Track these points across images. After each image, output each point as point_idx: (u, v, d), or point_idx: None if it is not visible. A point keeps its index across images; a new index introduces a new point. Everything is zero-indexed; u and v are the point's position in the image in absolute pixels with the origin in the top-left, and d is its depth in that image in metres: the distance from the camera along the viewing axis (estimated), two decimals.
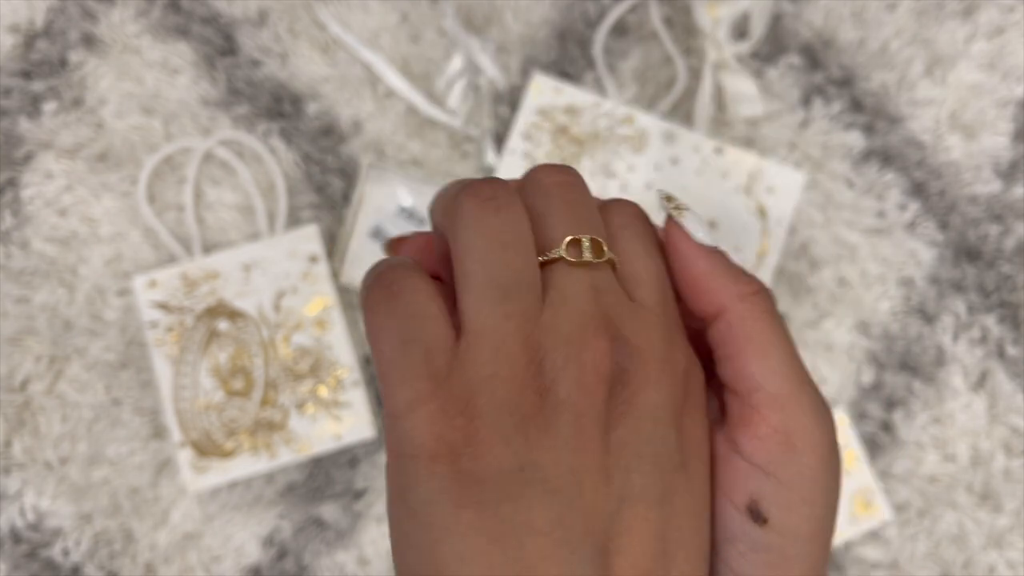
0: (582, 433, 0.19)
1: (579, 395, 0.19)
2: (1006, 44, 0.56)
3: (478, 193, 0.21)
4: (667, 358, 0.21)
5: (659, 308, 0.22)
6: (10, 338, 0.52)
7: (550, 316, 0.20)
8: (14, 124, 0.53)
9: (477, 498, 0.18)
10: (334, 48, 0.55)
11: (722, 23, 0.53)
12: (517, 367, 0.19)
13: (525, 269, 0.21)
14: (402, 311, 0.21)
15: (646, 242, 0.23)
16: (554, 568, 0.18)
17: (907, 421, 0.53)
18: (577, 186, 0.23)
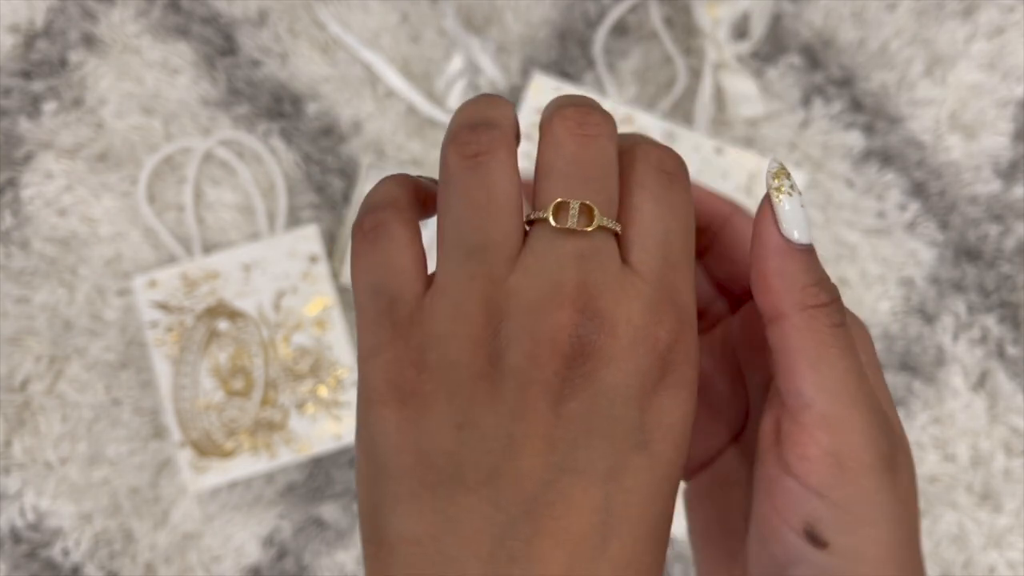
0: (526, 402, 0.19)
1: (528, 365, 0.19)
2: (1006, 44, 0.56)
3: (461, 145, 0.21)
4: (645, 333, 0.20)
5: (652, 275, 0.20)
6: (10, 338, 0.52)
7: (516, 280, 0.20)
8: (14, 124, 0.53)
9: (415, 446, 0.19)
10: (334, 48, 0.55)
11: (722, 23, 0.53)
12: (473, 328, 0.19)
13: (497, 230, 0.20)
14: (376, 259, 0.21)
15: (662, 201, 0.21)
16: (478, 522, 0.19)
17: (907, 421, 0.53)
18: (595, 139, 0.21)
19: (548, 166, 0.21)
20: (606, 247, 0.20)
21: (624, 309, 0.20)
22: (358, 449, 0.21)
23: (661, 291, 0.20)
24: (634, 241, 0.21)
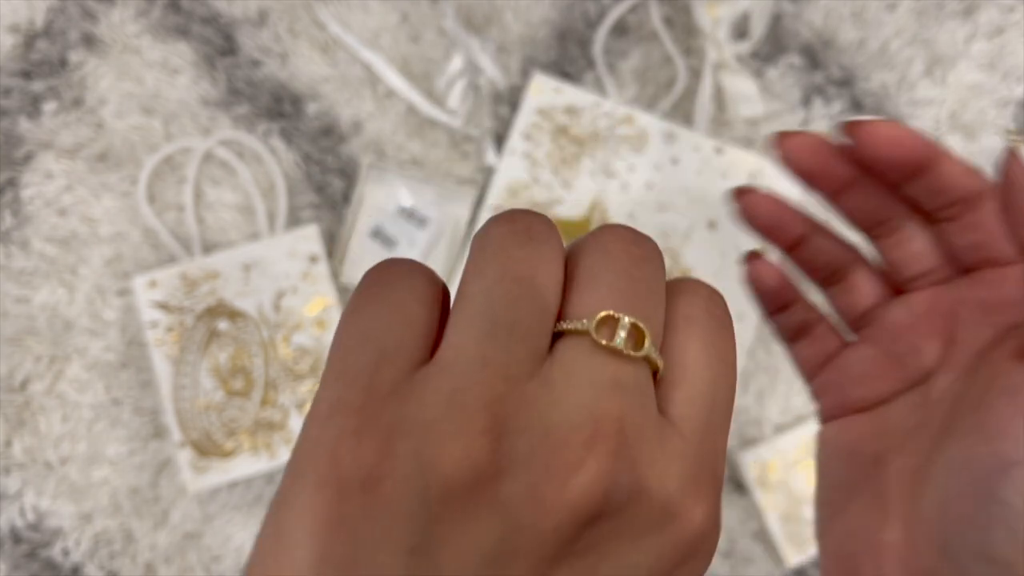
0: (510, 549, 0.15)
1: (528, 505, 0.15)
2: (1006, 44, 0.56)
3: (511, 220, 0.18)
4: (678, 508, 0.16)
5: (695, 436, 0.17)
6: (10, 338, 0.52)
7: (536, 391, 0.16)
8: (14, 124, 0.53)
9: (338, 560, 0.15)
10: (334, 48, 0.55)
11: (722, 23, 0.53)
12: (470, 429, 0.15)
13: (533, 315, 0.17)
14: (381, 304, 0.17)
15: (712, 347, 0.18)
16: None
17: None
18: (649, 261, 0.18)
19: (593, 272, 0.18)
20: (646, 383, 0.17)
21: (660, 470, 0.16)
22: (264, 533, 0.16)
23: (703, 458, 0.17)
24: (678, 387, 0.18)
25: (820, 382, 0.27)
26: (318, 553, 0.15)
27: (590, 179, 0.52)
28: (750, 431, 0.53)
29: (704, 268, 0.51)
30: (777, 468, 0.51)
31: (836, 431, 0.26)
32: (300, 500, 0.15)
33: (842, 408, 0.26)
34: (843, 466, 0.25)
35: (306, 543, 0.15)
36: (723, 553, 0.52)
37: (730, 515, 0.53)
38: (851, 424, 0.26)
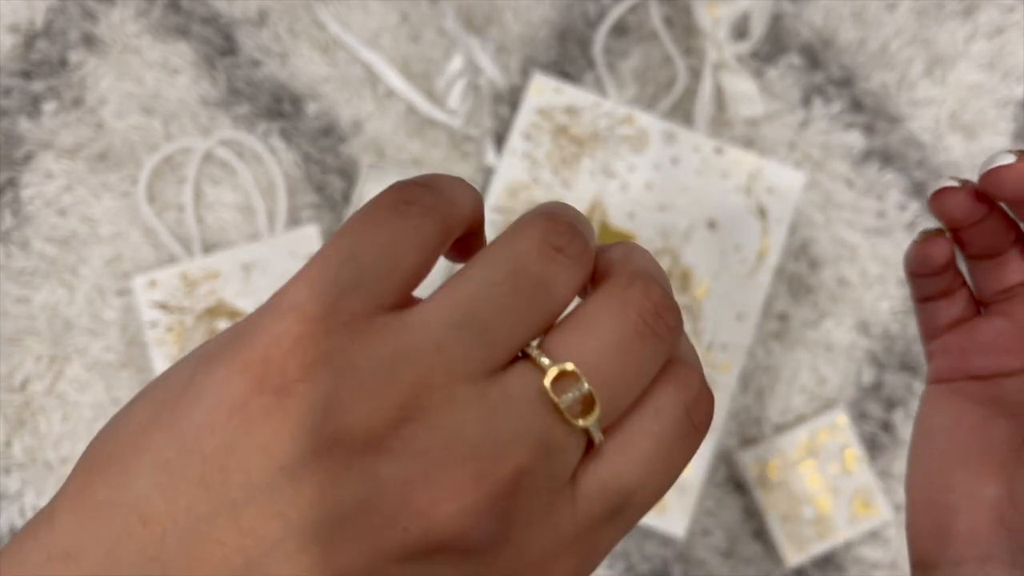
0: (356, 528, 0.15)
1: (391, 505, 0.15)
2: (1006, 44, 0.56)
3: (553, 224, 0.18)
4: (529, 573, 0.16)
5: (587, 522, 0.17)
6: (10, 338, 0.52)
7: (467, 399, 0.16)
8: (14, 124, 0.53)
9: (227, 445, 0.15)
10: (334, 48, 0.55)
11: (722, 23, 0.53)
12: (385, 400, 0.15)
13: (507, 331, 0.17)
14: (381, 232, 0.17)
15: (663, 449, 0.18)
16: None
17: (907, 421, 0.53)
18: (658, 339, 0.18)
19: (595, 324, 0.17)
20: (572, 453, 0.17)
21: (527, 535, 0.16)
22: (173, 373, 0.17)
23: (582, 544, 0.17)
24: (600, 469, 0.17)
25: (942, 343, 0.28)
26: (209, 424, 0.15)
27: (590, 179, 0.52)
28: (750, 431, 0.53)
29: (704, 268, 0.51)
30: (777, 468, 0.51)
31: (947, 392, 0.27)
32: (222, 370, 0.16)
33: (959, 372, 0.27)
34: (948, 426, 0.27)
35: (207, 410, 0.15)
36: (723, 553, 0.52)
37: (730, 515, 0.53)
38: (964, 388, 0.27)
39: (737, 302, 0.51)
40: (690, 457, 0.18)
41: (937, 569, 0.26)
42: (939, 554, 0.26)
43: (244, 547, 0.15)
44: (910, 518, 0.27)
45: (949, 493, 0.26)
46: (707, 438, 0.50)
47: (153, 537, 0.15)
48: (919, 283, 0.29)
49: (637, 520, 0.18)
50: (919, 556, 0.26)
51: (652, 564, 0.52)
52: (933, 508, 0.26)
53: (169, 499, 0.15)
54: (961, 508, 0.25)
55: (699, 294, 0.51)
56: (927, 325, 0.29)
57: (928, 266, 0.28)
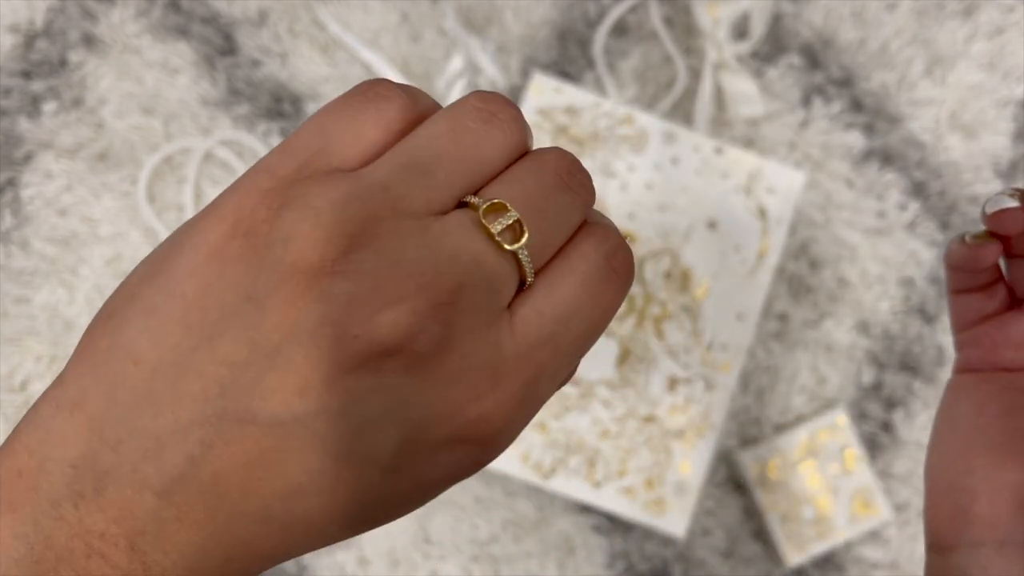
0: (319, 341, 0.17)
1: (343, 317, 0.17)
2: (1006, 44, 0.56)
3: (486, 99, 0.20)
4: (472, 384, 0.18)
5: (525, 341, 0.19)
6: (10, 338, 0.52)
7: (410, 230, 0.18)
8: (14, 124, 0.53)
9: (205, 282, 0.17)
10: (334, 48, 0.55)
11: (722, 23, 0.53)
12: (334, 234, 0.17)
13: (446, 174, 0.19)
14: (349, 113, 0.19)
15: (589, 287, 0.20)
16: (201, 382, 0.17)
17: (907, 421, 0.53)
18: (572, 193, 0.20)
19: (516, 176, 0.20)
20: (506, 278, 0.19)
21: (471, 345, 0.18)
22: (160, 245, 0.19)
23: (523, 362, 0.19)
24: (534, 299, 0.19)
25: (973, 334, 0.29)
26: (191, 270, 0.17)
27: None
28: (750, 431, 0.53)
29: (704, 268, 0.51)
30: (777, 468, 0.51)
31: (974, 382, 0.28)
32: (201, 223, 0.18)
33: (988, 363, 0.28)
34: (972, 413, 0.27)
35: (189, 258, 0.18)
36: (723, 553, 0.52)
37: (730, 515, 0.53)
38: (991, 378, 0.28)
39: (737, 302, 0.51)
40: (616, 301, 0.20)
41: (955, 551, 0.26)
42: (957, 536, 0.26)
43: (219, 375, 0.17)
44: (929, 500, 0.28)
45: (970, 476, 0.26)
46: (707, 438, 0.50)
47: (144, 375, 0.17)
48: (958, 277, 0.29)
49: (575, 351, 0.20)
50: (937, 538, 0.27)
51: (652, 564, 0.52)
52: (953, 491, 0.27)
53: (156, 340, 0.17)
54: (982, 492, 0.26)
55: (699, 294, 0.51)
56: (960, 316, 0.29)
57: (975, 267, 0.28)
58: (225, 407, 0.17)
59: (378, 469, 0.18)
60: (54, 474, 0.17)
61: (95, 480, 0.16)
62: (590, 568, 0.52)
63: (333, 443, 0.17)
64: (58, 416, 0.17)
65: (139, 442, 0.17)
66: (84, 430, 0.17)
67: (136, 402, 0.17)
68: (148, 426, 0.17)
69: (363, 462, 0.18)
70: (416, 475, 0.18)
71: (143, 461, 0.17)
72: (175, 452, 0.17)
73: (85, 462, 0.17)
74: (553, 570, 0.52)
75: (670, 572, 0.52)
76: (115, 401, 0.17)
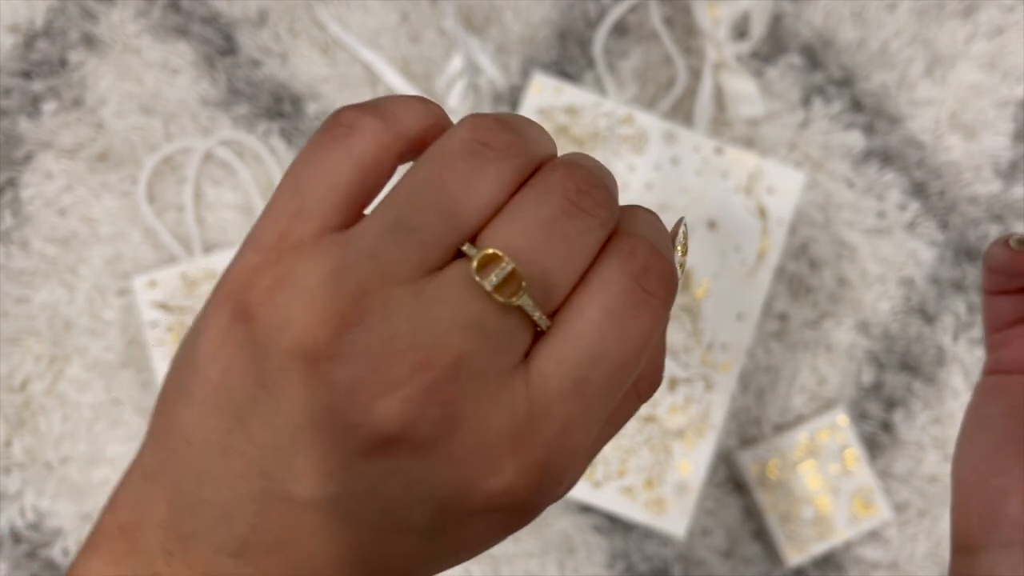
0: (326, 428, 0.17)
1: (345, 402, 0.17)
2: (1006, 44, 0.56)
3: (477, 126, 0.18)
4: (488, 457, 0.17)
5: (545, 398, 0.17)
6: (10, 338, 0.52)
7: (402, 297, 0.17)
8: (14, 124, 0.53)
9: (225, 365, 0.18)
10: (334, 48, 0.55)
11: (722, 23, 0.53)
12: (328, 311, 0.17)
13: (436, 228, 0.17)
14: (318, 158, 0.18)
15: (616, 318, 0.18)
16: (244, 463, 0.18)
17: (907, 421, 0.53)
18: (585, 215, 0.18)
19: (519, 211, 0.18)
20: (513, 335, 0.17)
21: (481, 417, 0.17)
22: (194, 320, 0.19)
23: (543, 421, 0.17)
24: (551, 345, 0.18)
25: (1005, 336, 0.29)
26: (210, 354, 0.18)
27: None
28: (750, 431, 0.53)
29: (704, 268, 0.51)
30: (777, 468, 0.51)
31: (1005, 383, 0.28)
32: (210, 308, 0.18)
33: (1018, 366, 0.28)
34: (1003, 414, 0.27)
35: (206, 343, 0.18)
36: (723, 553, 0.52)
37: (730, 515, 0.53)
38: (1020, 381, 0.27)
39: (737, 302, 0.51)
40: (651, 326, 0.18)
41: (983, 552, 0.26)
42: (986, 537, 0.26)
43: (256, 457, 0.17)
44: (957, 500, 0.27)
45: (1001, 477, 0.26)
46: (707, 438, 0.50)
47: (198, 454, 0.18)
48: (996, 279, 0.29)
49: (608, 394, 0.18)
50: (964, 539, 0.27)
51: (652, 564, 0.52)
52: (984, 490, 0.26)
53: (198, 421, 0.18)
54: (1012, 492, 0.26)
55: (699, 294, 0.51)
56: (994, 317, 0.29)
57: (1017, 271, 0.28)
58: (267, 487, 0.17)
59: (416, 536, 0.18)
60: (148, 533, 0.18)
61: (180, 541, 0.18)
62: (590, 568, 0.52)
63: (367, 517, 0.17)
64: (145, 483, 0.18)
65: (209, 511, 0.18)
66: (166, 498, 0.18)
67: (198, 477, 0.18)
68: (213, 498, 0.18)
69: (400, 531, 0.18)
70: (457, 538, 0.18)
71: (216, 527, 0.18)
72: (239, 522, 0.18)
73: (171, 525, 0.18)
74: (553, 570, 0.52)
75: (670, 572, 0.52)
76: (182, 476, 0.18)
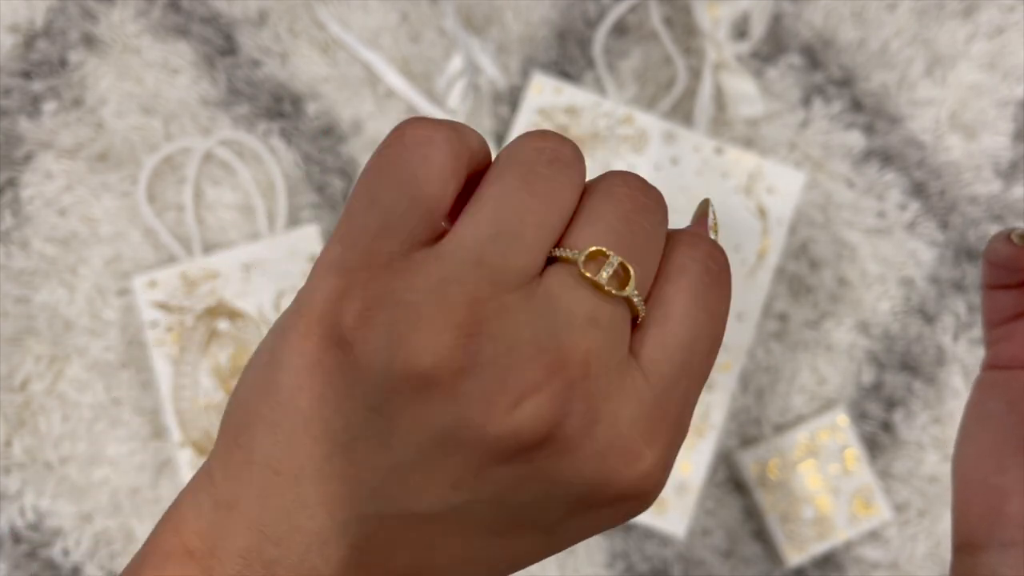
0: (453, 444, 0.17)
1: (477, 409, 0.16)
2: (1006, 44, 0.56)
3: (544, 138, 0.19)
4: (625, 447, 0.17)
5: (661, 383, 0.18)
6: (10, 338, 0.52)
7: (517, 303, 0.17)
8: (14, 124, 0.53)
9: (317, 395, 0.17)
10: (334, 48, 0.55)
11: (722, 23, 0.53)
12: (446, 323, 0.16)
13: (534, 234, 0.17)
14: (393, 172, 0.18)
15: (700, 300, 0.19)
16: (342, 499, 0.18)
17: (907, 421, 0.53)
18: (651, 211, 0.19)
19: (597, 213, 0.18)
20: (622, 325, 0.18)
21: (614, 408, 0.17)
22: (261, 348, 0.19)
23: (665, 404, 0.18)
24: (654, 335, 0.18)
25: (1004, 331, 0.28)
26: (297, 385, 0.17)
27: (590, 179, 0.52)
28: (750, 431, 0.53)
29: None
30: (777, 468, 0.51)
31: (1005, 379, 0.28)
32: (293, 335, 0.18)
33: (1018, 361, 0.28)
34: (1003, 411, 0.27)
35: (291, 373, 0.18)
36: (723, 553, 0.52)
37: (730, 515, 0.53)
38: (1020, 376, 0.27)
39: (737, 302, 0.51)
40: (727, 303, 0.19)
41: (984, 551, 0.26)
42: (988, 536, 0.26)
43: (363, 479, 0.17)
44: (958, 498, 0.27)
45: (1002, 475, 0.26)
46: (707, 438, 0.50)
47: (288, 483, 0.17)
48: (996, 273, 0.28)
49: (707, 371, 0.19)
50: (965, 537, 0.27)
51: (652, 564, 0.52)
52: (985, 489, 0.26)
53: (288, 452, 0.17)
54: (1014, 492, 0.25)
55: None
56: (993, 312, 0.29)
57: (1018, 266, 0.28)
58: (379, 508, 0.17)
59: (540, 532, 0.18)
60: (225, 562, 0.18)
61: (264, 568, 0.18)
62: (590, 568, 0.52)
63: (492, 521, 0.18)
64: (218, 512, 0.18)
65: (301, 538, 0.17)
66: (244, 528, 0.18)
67: (288, 506, 0.18)
68: (306, 525, 0.17)
69: (526, 530, 0.18)
70: (578, 530, 0.19)
71: (308, 553, 0.17)
72: (338, 545, 0.17)
73: (252, 554, 0.18)
74: (553, 570, 0.52)
75: (670, 572, 0.52)
76: (268, 506, 0.18)
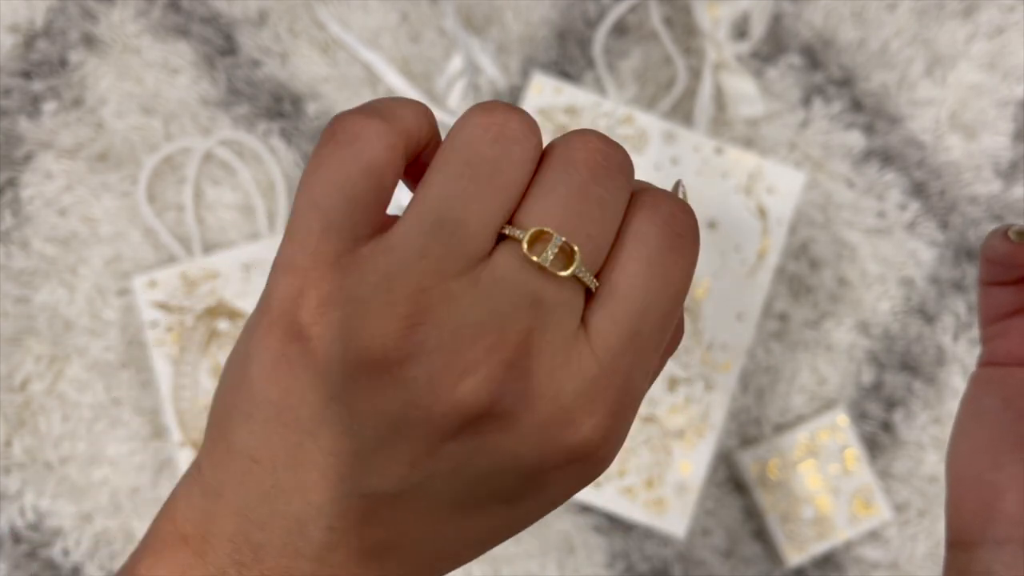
0: (405, 423, 0.18)
1: (426, 391, 0.17)
2: (1006, 44, 0.56)
3: (488, 113, 0.19)
4: (567, 419, 0.18)
5: (608, 353, 0.18)
6: (10, 338, 0.52)
7: (462, 289, 0.18)
8: (14, 124, 0.53)
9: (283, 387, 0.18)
10: (334, 48, 0.55)
11: (722, 23, 0.53)
12: (391, 314, 0.17)
13: (481, 217, 0.18)
14: (327, 172, 0.18)
15: (656, 265, 0.19)
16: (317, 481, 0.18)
17: (907, 421, 0.53)
18: (611, 175, 0.19)
19: (549, 185, 0.19)
20: (571, 302, 0.18)
21: (556, 383, 0.18)
22: (235, 347, 0.20)
23: (610, 375, 0.18)
24: (604, 305, 0.19)
25: (1000, 327, 0.28)
26: (266, 377, 0.18)
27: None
28: (750, 431, 0.53)
29: (704, 268, 0.51)
30: (777, 468, 0.51)
31: (1000, 376, 0.28)
32: (257, 333, 0.19)
33: (1016, 357, 0.28)
34: (998, 407, 0.27)
35: (259, 367, 0.18)
36: (723, 553, 0.52)
37: (730, 515, 0.53)
38: (1018, 373, 0.27)
39: (737, 302, 0.51)
40: (689, 265, 0.19)
41: (978, 547, 0.26)
42: (982, 533, 0.26)
43: (331, 464, 0.18)
44: (952, 494, 0.27)
45: (997, 472, 0.26)
46: (707, 438, 0.50)
47: (266, 471, 0.18)
48: (993, 270, 0.28)
49: (658, 340, 0.19)
50: (959, 534, 0.26)
51: (652, 564, 0.52)
52: (979, 485, 0.26)
53: (263, 441, 0.18)
54: (1008, 488, 0.25)
55: (699, 294, 0.51)
56: (990, 309, 0.29)
57: (1015, 263, 0.28)
58: (349, 490, 0.18)
59: (500, 504, 0.19)
60: (216, 546, 0.19)
61: (252, 552, 0.18)
62: (590, 568, 0.52)
63: (452, 496, 0.18)
64: (207, 500, 0.19)
65: (282, 522, 0.18)
66: (231, 514, 0.19)
67: (267, 492, 0.18)
68: (285, 510, 0.18)
69: (486, 503, 0.19)
70: (538, 499, 0.19)
71: (290, 536, 0.18)
72: (317, 528, 0.18)
73: (240, 538, 0.19)
74: (553, 570, 0.52)
75: (670, 572, 0.52)
76: (249, 493, 0.19)
